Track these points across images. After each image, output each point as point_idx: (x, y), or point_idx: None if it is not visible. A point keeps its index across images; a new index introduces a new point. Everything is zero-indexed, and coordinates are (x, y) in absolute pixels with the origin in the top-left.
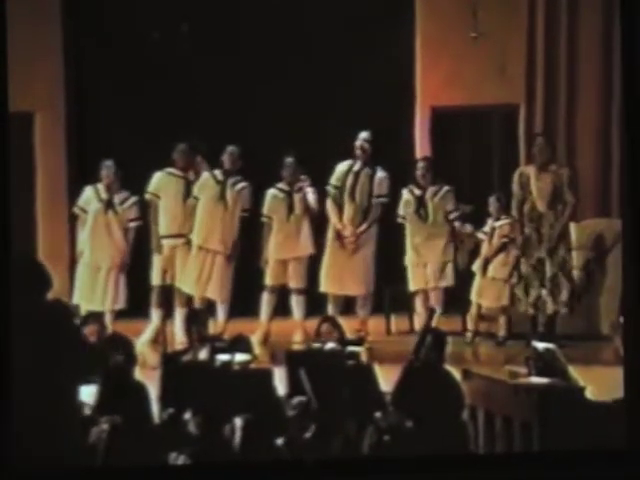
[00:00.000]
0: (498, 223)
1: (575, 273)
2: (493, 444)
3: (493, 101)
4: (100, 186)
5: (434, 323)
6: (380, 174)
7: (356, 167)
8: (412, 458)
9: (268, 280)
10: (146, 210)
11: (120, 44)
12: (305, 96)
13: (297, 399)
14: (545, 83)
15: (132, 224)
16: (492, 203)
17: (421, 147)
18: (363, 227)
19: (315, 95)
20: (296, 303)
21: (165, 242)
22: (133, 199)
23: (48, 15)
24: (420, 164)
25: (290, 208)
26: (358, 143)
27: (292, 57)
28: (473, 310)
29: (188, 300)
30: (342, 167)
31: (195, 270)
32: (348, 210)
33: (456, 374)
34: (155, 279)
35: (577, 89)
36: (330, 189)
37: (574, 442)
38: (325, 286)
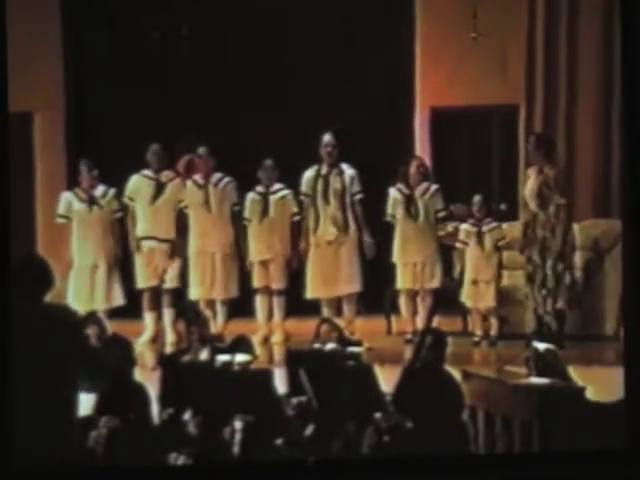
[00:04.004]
0: (488, 226)
1: (574, 273)
2: (493, 444)
3: (493, 101)
4: (78, 190)
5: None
6: (349, 172)
7: (323, 171)
8: (412, 458)
9: (254, 282)
10: (125, 209)
11: (120, 44)
12: (304, 96)
13: (297, 399)
14: (545, 83)
15: (116, 215)
16: (477, 204)
17: (421, 147)
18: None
19: (314, 96)
20: (276, 304)
21: (143, 244)
22: (112, 191)
23: (48, 15)
24: (413, 163)
25: (265, 211)
26: (324, 148)
27: (291, 58)
28: (475, 313)
29: (190, 301)
30: (309, 173)
31: (198, 275)
32: (325, 214)
33: (456, 374)
34: (140, 282)
35: (577, 89)
36: (303, 198)
37: (574, 442)
38: (313, 292)
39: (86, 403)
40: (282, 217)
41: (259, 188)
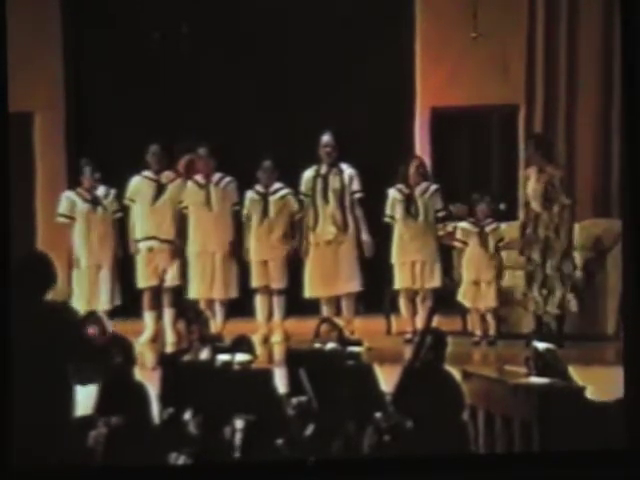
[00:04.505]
0: (491, 226)
1: (578, 273)
2: (493, 444)
3: (493, 101)
4: (80, 190)
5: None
6: (349, 171)
7: (323, 170)
8: (412, 458)
9: (254, 282)
10: (125, 210)
11: (120, 44)
12: (304, 96)
13: (297, 399)
14: (545, 83)
15: (117, 215)
16: (482, 204)
17: (421, 147)
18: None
19: (315, 96)
20: (276, 304)
21: (144, 244)
22: (113, 191)
23: (48, 15)
24: (413, 163)
25: (265, 211)
26: (323, 148)
27: (291, 57)
28: (474, 313)
29: (190, 301)
30: (309, 173)
31: (197, 274)
32: (324, 214)
33: (456, 374)
34: (141, 282)
35: (577, 89)
36: (303, 198)
37: (574, 442)
38: (312, 291)
39: (86, 403)
40: (282, 217)
41: (259, 188)
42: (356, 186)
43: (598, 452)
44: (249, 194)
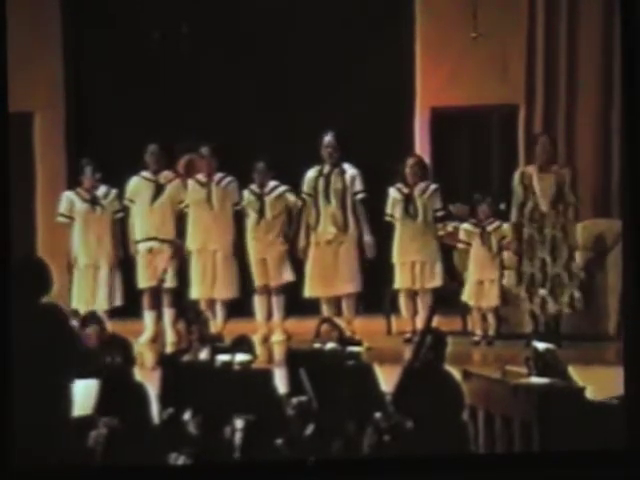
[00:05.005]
0: (493, 225)
1: (581, 273)
2: (493, 444)
3: (493, 101)
4: (80, 189)
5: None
6: (351, 171)
7: (325, 170)
8: (412, 458)
9: (254, 281)
10: (126, 210)
11: (120, 44)
12: (304, 96)
13: (297, 399)
14: (545, 83)
15: (117, 215)
16: (483, 205)
17: (421, 147)
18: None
19: (315, 96)
20: (275, 303)
21: (144, 244)
22: (114, 191)
23: (48, 15)
24: (410, 162)
25: (261, 211)
26: (325, 148)
27: (292, 57)
28: (475, 313)
29: (190, 301)
30: (311, 173)
31: (198, 273)
32: (325, 213)
33: (456, 374)
34: (141, 282)
35: (577, 89)
36: (305, 197)
37: (574, 442)
38: (311, 291)
39: (86, 403)
40: (279, 215)
41: (254, 187)
42: (358, 186)
43: (598, 452)
44: (245, 194)
